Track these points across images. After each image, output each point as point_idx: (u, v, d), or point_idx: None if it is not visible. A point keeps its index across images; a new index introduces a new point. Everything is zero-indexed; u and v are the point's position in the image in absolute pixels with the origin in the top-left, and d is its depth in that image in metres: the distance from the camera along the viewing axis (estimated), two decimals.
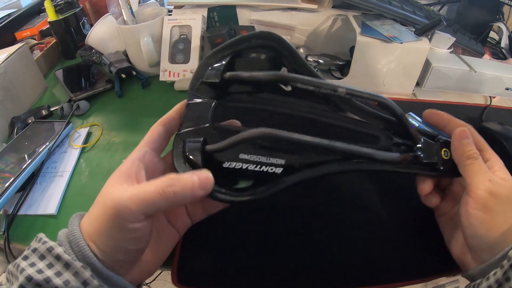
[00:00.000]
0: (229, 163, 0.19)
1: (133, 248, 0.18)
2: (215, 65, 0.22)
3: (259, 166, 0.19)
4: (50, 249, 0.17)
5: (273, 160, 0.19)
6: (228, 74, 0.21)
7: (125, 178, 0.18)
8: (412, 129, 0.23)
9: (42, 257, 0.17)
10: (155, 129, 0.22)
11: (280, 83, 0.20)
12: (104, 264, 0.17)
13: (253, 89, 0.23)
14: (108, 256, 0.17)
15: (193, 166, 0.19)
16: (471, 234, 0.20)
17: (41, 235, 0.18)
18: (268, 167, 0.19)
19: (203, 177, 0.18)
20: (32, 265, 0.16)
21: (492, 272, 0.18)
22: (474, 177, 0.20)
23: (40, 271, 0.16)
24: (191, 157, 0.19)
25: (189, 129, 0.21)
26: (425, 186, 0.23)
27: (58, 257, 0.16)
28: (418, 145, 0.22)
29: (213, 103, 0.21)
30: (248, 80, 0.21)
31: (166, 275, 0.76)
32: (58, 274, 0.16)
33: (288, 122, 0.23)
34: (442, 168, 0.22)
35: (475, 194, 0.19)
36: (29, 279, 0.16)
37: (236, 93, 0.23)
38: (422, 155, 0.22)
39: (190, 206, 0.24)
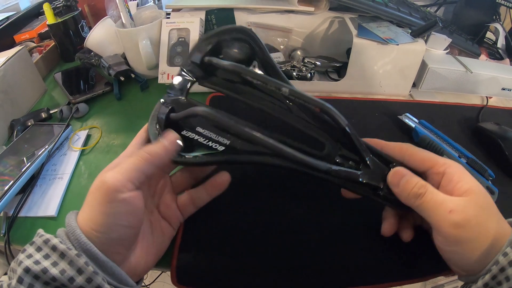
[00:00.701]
0: (187, 132, 0.24)
1: (126, 224, 0.18)
2: (201, 49, 0.25)
3: (207, 140, 0.23)
4: (46, 241, 0.17)
5: (220, 139, 0.23)
6: (206, 58, 0.25)
7: (112, 166, 0.20)
8: (362, 145, 0.22)
9: (38, 249, 0.17)
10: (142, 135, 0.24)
11: (237, 73, 0.23)
12: (100, 249, 0.18)
13: (231, 77, 0.26)
14: (102, 238, 0.18)
15: (160, 127, 0.23)
16: (452, 264, 0.19)
17: (40, 230, 0.18)
18: (214, 143, 0.23)
19: (168, 134, 0.21)
20: (29, 256, 0.17)
21: (480, 278, 0.18)
22: (433, 215, 0.18)
23: (37, 262, 0.16)
24: (161, 117, 0.23)
25: (170, 97, 0.26)
26: (386, 226, 0.22)
27: (54, 248, 0.17)
28: (363, 163, 0.22)
29: (191, 81, 0.26)
30: (216, 66, 0.24)
31: (166, 276, 0.76)
32: (54, 264, 0.17)
33: (247, 111, 0.26)
34: (387, 196, 0.21)
35: (441, 232, 0.18)
36: (27, 270, 0.16)
37: (217, 78, 0.26)
38: (360, 173, 0.21)
39: (179, 200, 0.24)
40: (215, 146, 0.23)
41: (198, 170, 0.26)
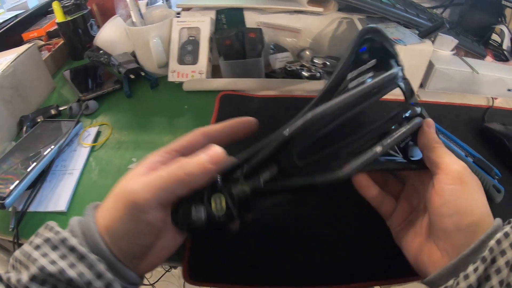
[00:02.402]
0: None
1: (145, 243, 0.18)
2: None
3: None
4: (63, 240, 0.17)
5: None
6: None
7: (142, 171, 0.18)
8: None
9: (54, 248, 0.16)
10: (197, 137, 0.20)
11: None
12: (117, 257, 0.17)
13: None
14: (120, 251, 0.17)
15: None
16: (447, 213, 0.18)
17: (52, 223, 0.18)
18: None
19: (212, 151, 0.18)
20: (45, 255, 0.16)
21: (473, 268, 0.16)
22: (446, 157, 0.20)
23: (53, 262, 0.16)
24: None
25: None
26: (361, 181, 0.22)
27: (72, 249, 0.16)
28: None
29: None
30: None
31: (170, 276, 0.76)
32: (72, 265, 0.16)
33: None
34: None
35: (449, 170, 0.19)
36: (42, 269, 0.15)
37: None
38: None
39: None
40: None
41: None
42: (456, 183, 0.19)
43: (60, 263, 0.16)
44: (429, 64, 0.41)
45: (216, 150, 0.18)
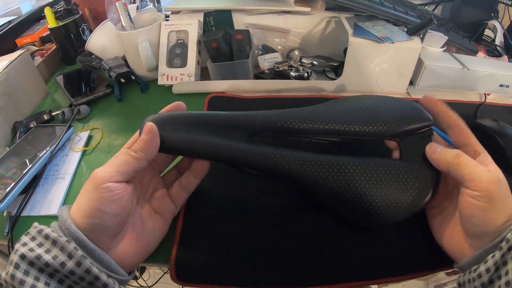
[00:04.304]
0: None
1: (109, 211, 0.20)
2: None
3: None
4: (40, 231, 0.19)
5: None
6: None
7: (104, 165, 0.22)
8: None
9: (33, 238, 0.19)
10: (137, 135, 0.24)
11: None
12: (87, 235, 0.19)
13: None
14: (87, 224, 0.19)
15: None
16: (475, 223, 0.20)
17: (35, 223, 0.20)
18: None
19: (145, 127, 0.22)
20: (24, 245, 0.18)
21: (490, 255, 0.18)
22: (471, 171, 0.20)
23: (31, 250, 0.18)
24: None
25: None
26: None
27: (46, 236, 0.19)
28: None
29: None
30: None
31: (168, 278, 0.76)
32: (47, 251, 0.18)
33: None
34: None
35: (479, 186, 0.20)
36: (23, 257, 0.17)
37: None
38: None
39: (172, 190, 0.26)
40: None
41: (185, 162, 0.27)
42: (487, 201, 0.19)
43: (37, 250, 0.18)
44: (418, 61, 0.41)
45: (147, 124, 0.22)
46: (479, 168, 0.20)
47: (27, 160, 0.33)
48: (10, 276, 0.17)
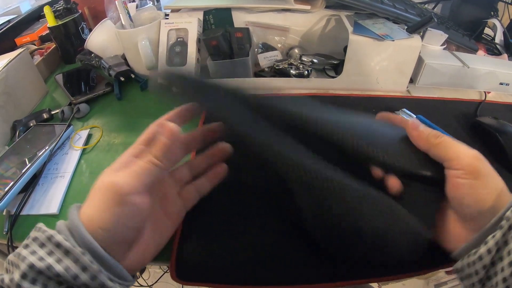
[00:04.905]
0: None
1: (132, 225, 0.19)
2: None
3: None
4: (50, 237, 0.17)
5: None
6: None
7: (117, 166, 0.20)
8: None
9: (42, 245, 0.17)
10: (152, 130, 0.22)
11: None
12: (102, 246, 0.18)
13: None
14: (106, 237, 0.18)
15: None
16: (467, 204, 0.19)
17: (40, 224, 0.19)
18: None
19: (166, 128, 0.21)
20: (33, 253, 0.17)
21: (491, 235, 0.17)
22: (454, 150, 0.20)
23: (41, 259, 0.16)
24: None
25: None
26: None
27: (58, 245, 0.17)
28: None
29: None
30: None
31: (168, 277, 0.76)
32: (59, 260, 0.17)
33: None
34: None
35: (462, 163, 0.19)
36: (31, 266, 0.16)
37: None
38: None
39: (185, 191, 0.25)
40: None
41: (198, 162, 0.26)
42: (473, 177, 0.19)
43: (47, 259, 0.16)
44: (418, 59, 0.40)
45: (171, 127, 0.21)
46: (459, 146, 0.20)
47: (26, 159, 0.32)
48: (15, 285, 0.16)
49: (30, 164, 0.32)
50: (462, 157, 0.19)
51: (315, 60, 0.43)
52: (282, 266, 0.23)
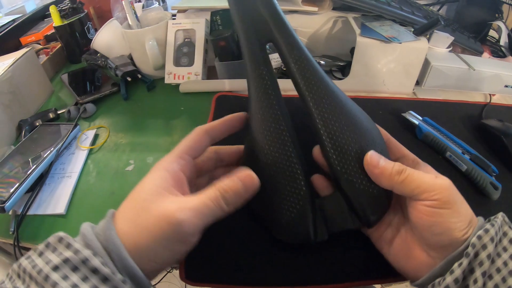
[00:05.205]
0: None
1: (182, 258, 0.18)
2: None
3: None
4: (84, 261, 0.15)
5: None
6: None
7: (171, 189, 0.18)
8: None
9: (75, 269, 0.15)
10: (200, 137, 0.21)
11: None
12: (146, 274, 0.17)
13: None
14: (155, 267, 0.17)
15: None
16: (437, 232, 0.18)
17: (63, 234, 0.16)
18: None
19: (248, 180, 0.19)
20: (65, 278, 0.15)
21: (457, 263, 0.17)
22: (423, 182, 0.18)
23: (74, 286, 0.15)
24: None
25: None
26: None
27: (94, 270, 0.15)
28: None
29: None
30: None
31: (171, 277, 0.76)
32: None
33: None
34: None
35: (435, 196, 0.18)
36: None
37: None
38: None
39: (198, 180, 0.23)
40: None
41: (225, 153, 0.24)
42: (444, 206, 0.18)
43: (82, 287, 0.15)
44: (425, 61, 0.41)
45: (252, 180, 0.19)
46: (426, 177, 0.18)
47: (32, 159, 0.32)
48: None
49: (36, 164, 0.31)
50: (432, 188, 0.18)
51: (322, 62, 0.43)
52: (289, 267, 0.23)
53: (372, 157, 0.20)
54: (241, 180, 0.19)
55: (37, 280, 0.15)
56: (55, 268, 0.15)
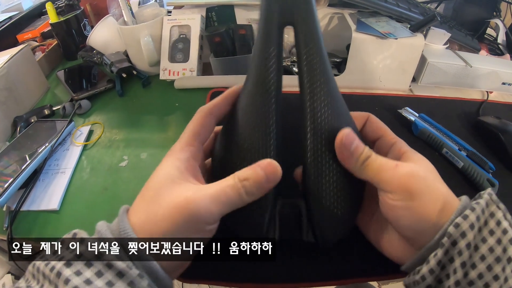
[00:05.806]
0: None
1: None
2: None
3: None
4: (109, 266, 0.15)
5: None
6: None
7: (186, 176, 0.17)
8: None
9: (89, 264, 0.14)
10: (206, 119, 0.20)
11: None
12: (163, 268, 0.16)
13: None
14: (171, 262, 0.16)
15: None
16: (405, 225, 0.17)
17: (82, 234, 0.16)
18: None
19: (270, 171, 0.17)
20: (78, 273, 0.14)
21: (432, 254, 0.16)
22: (382, 171, 0.17)
23: (88, 282, 0.14)
24: None
25: None
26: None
27: (109, 265, 0.14)
28: None
29: None
30: None
31: None
32: (110, 284, 0.14)
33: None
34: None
35: (392, 186, 0.17)
36: None
37: None
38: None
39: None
40: None
41: None
42: (407, 198, 0.17)
43: (96, 282, 0.14)
44: (421, 58, 0.40)
45: (275, 170, 0.17)
46: (386, 165, 0.17)
47: (27, 155, 0.32)
48: None
49: (30, 160, 0.31)
50: (391, 179, 0.17)
51: None
52: (284, 264, 0.23)
53: (347, 137, 0.18)
54: (263, 169, 0.17)
55: (50, 278, 0.14)
56: (68, 264, 0.14)
